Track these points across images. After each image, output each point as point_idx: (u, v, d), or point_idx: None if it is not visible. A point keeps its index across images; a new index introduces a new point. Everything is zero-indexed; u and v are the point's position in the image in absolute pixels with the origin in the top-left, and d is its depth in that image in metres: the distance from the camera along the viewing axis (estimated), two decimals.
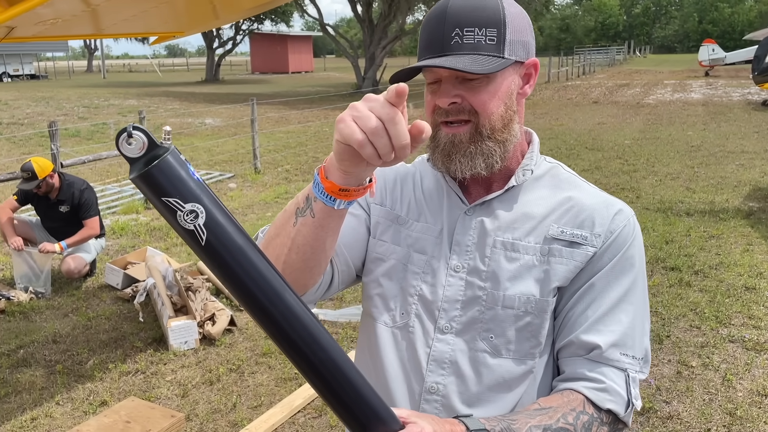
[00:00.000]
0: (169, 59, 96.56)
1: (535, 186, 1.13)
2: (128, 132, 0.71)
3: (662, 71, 35.89)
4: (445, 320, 1.09)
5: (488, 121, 1.03)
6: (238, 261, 0.77)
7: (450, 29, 0.99)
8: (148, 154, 0.72)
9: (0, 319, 4.52)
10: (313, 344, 0.80)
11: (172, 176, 0.73)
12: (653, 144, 11.42)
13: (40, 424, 3.26)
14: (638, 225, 1.12)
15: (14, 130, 14.44)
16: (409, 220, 1.15)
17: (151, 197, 0.74)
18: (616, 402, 1.02)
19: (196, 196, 0.74)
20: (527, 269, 1.07)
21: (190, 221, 0.74)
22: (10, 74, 38.60)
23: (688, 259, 5.35)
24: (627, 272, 1.07)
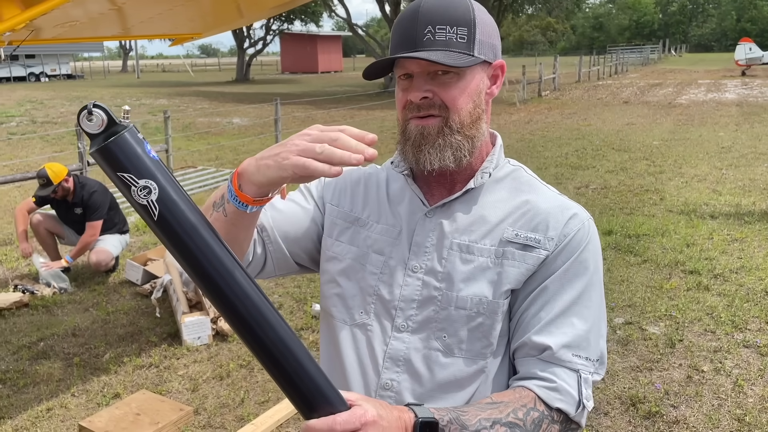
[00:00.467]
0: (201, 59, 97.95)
1: (495, 188, 1.15)
2: (89, 109, 0.75)
3: (697, 70, 35.18)
4: (401, 319, 1.12)
5: (458, 116, 1.06)
6: (190, 236, 0.80)
7: (422, 27, 1.03)
8: (108, 131, 0.76)
9: (24, 312, 4.66)
10: (262, 322, 0.82)
11: (129, 153, 0.76)
12: (682, 145, 11.22)
13: (55, 415, 3.36)
14: (594, 229, 1.13)
15: (48, 129, 14.82)
16: (369, 222, 1.18)
17: (108, 172, 0.77)
18: (566, 402, 1.04)
19: (150, 173, 0.77)
20: (481, 271, 1.09)
21: (144, 196, 0.77)
22: (47, 74, 39.59)
23: (709, 263, 5.26)
24: (580, 276, 1.08)
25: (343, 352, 1.16)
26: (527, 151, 10.94)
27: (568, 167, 9.47)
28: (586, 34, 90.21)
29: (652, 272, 5.13)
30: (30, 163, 10.55)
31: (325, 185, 1.24)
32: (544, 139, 12.41)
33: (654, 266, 5.26)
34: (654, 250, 5.61)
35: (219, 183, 8.99)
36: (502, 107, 18.27)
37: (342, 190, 1.23)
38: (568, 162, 9.91)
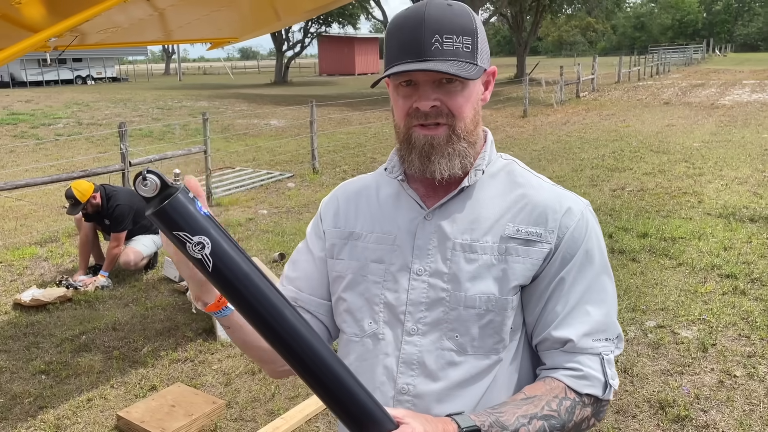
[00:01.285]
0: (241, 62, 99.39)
1: (489, 184, 1.16)
2: (143, 175, 0.81)
3: (742, 71, 34.25)
4: (411, 323, 1.13)
5: (463, 124, 1.08)
6: (243, 284, 0.86)
7: (430, 35, 1.03)
8: (161, 194, 0.82)
9: (67, 307, 4.85)
10: (311, 354, 0.89)
11: (182, 212, 0.82)
12: (724, 147, 10.97)
13: (95, 405, 3.50)
14: (593, 215, 1.15)
15: (93, 130, 15.27)
16: (364, 233, 1.19)
17: (165, 231, 0.83)
18: (594, 386, 1.09)
19: (203, 229, 0.83)
20: (486, 269, 1.10)
21: (198, 251, 0.83)
22: (93, 77, 40.74)
23: (746, 267, 5.16)
24: (588, 265, 1.12)
25: (358, 365, 1.18)
26: (563, 153, 10.85)
27: (605, 169, 9.36)
28: (627, 34, 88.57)
29: (686, 276, 5.06)
30: (75, 163, 10.91)
31: (322, 213, 1.27)
32: (581, 140, 12.28)
33: (689, 269, 5.18)
34: (690, 254, 5.53)
35: (255, 183, 9.16)
36: (539, 108, 18.12)
37: (336, 211, 1.25)
38: (604, 164, 9.79)
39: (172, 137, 14.25)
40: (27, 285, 5.29)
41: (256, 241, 6.36)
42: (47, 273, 5.63)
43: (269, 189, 8.90)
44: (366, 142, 13.00)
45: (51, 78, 37.87)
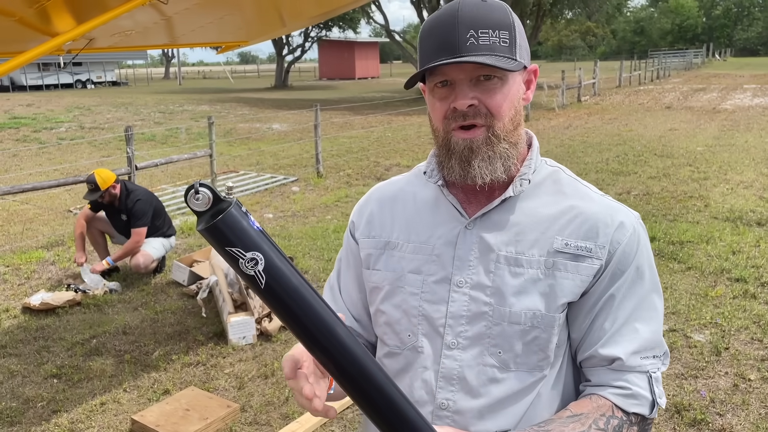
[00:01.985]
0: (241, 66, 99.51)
1: (535, 193, 1.11)
2: (195, 189, 0.79)
3: (743, 75, 34.32)
4: (451, 336, 1.09)
5: (502, 124, 1.03)
6: (294, 301, 0.84)
7: (464, 31, 0.99)
8: (214, 208, 0.79)
9: (76, 311, 4.84)
10: (364, 373, 0.88)
11: (235, 228, 0.79)
12: (727, 151, 10.98)
13: (108, 409, 3.49)
14: (643, 229, 1.11)
15: (95, 134, 15.28)
16: (400, 243, 1.15)
17: (216, 247, 0.81)
18: (641, 405, 1.06)
19: (256, 245, 0.80)
20: (532, 283, 1.06)
21: (251, 267, 0.80)
22: (93, 81, 40.79)
23: (756, 271, 5.16)
24: (639, 282, 1.08)
25: (399, 377, 1.15)
26: (567, 157, 10.85)
27: (609, 173, 9.37)
28: (627, 38, 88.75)
29: (696, 279, 5.06)
30: (79, 167, 10.90)
31: (355, 222, 1.24)
32: (584, 144, 12.29)
33: (699, 273, 5.18)
34: (698, 258, 5.53)
35: (260, 187, 9.17)
36: (540, 112, 18.14)
37: (371, 219, 1.21)
38: (609, 168, 9.80)
39: (175, 141, 14.26)
40: (35, 289, 5.29)
41: None
42: (55, 276, 5.62)
43: (274, 193, 8.90)
44: (369, 146, 13.00)
45: (51, 82, 37.91)
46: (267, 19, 4.65)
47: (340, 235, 6.58)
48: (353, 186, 9.17)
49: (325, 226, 6.99)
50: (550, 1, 32.25)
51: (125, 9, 2.80)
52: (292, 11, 4.48)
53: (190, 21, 4.08)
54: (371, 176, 9.81)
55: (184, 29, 4.35)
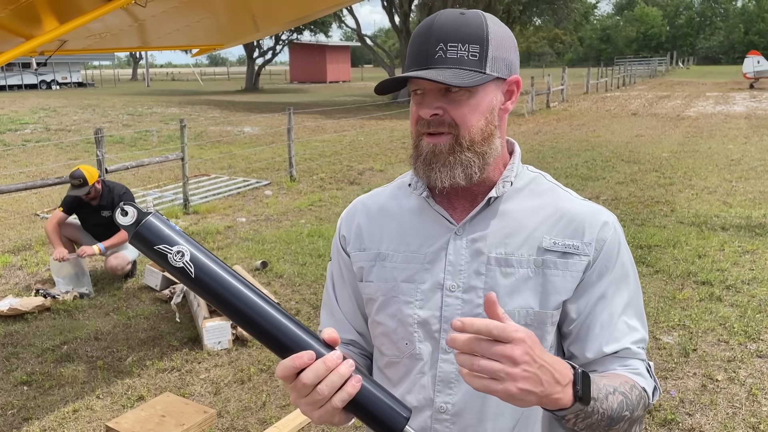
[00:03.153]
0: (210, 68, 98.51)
1: (518, 197, 1.15)
2: (121, 208, 0.92)
3: (705, 83, 35.22)
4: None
5: (468, 134, 1.06)
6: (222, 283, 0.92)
7: (435, 44, 1.03)
8: (140, 221, 0.92)
9: (46, 316, 4.75)
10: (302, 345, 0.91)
11: (158, 229, 0.92)
12: (692, 157, 11.27)
13: (81, 416, 3.44)
14: (620, 227, 1.16)
15: (62, 137, 14.99)
16: (391, 253, 1.17)
17: (146, 249, 0.91)
18: (649, 385, 1.10)
19: (179, 241, 0.92)
20: (523, 282, 1.10)
21: (179, 260, 0.91)
22: (58, 82, 39.97)
23: (721, 274, 5.31)
24: (625, 278, 1.13)
25: (397, 386, 1.17)
26: (537, 162, 11.01)
27: (579, 178, 9.53)
28: (594, 45, 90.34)
29: (664, 283, 5.18)
30: (45, 170, 10.69)
31: (344, 237, 1.25)
32: (554, 150, 12.48)
33: (666, 277, 5.31)
34: (666, 261, 5.67)
35: (232, 191, 9.10)
36: (511, 118, 18.31)
37: (359, 231, 1.23)
38: (578, 173, 9.97)
39: (144, 144, 14.06)
40: (2, 294, 5.17)
41: (237, 249, 6.32)
42: (23, 282, 5.51)
43: (246, 197, 8.85)
44: (342, 150, 13.01)
45: (14, 83, 37.05)
46: (241, 23, 4.65)
47: (314, 239, 6.58)
48: (327, 190, 9.17)
49: (299, 230, 6.98)
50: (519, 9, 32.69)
51: (103, 12, 2.78)
52: (266, 16, 4.48)
53: (166, 24, 4.05)
54: (344, 180, 9.82)
55: (159, 32, 4.32)
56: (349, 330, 1.26)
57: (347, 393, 0.88)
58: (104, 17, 2.96)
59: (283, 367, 0.89)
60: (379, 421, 0.92)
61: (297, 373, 0.88)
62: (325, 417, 0.92)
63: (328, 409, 0.89)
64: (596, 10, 54.49)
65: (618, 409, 0.99)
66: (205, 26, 4.36)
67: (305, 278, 5.45)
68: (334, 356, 0.89)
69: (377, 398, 0.92)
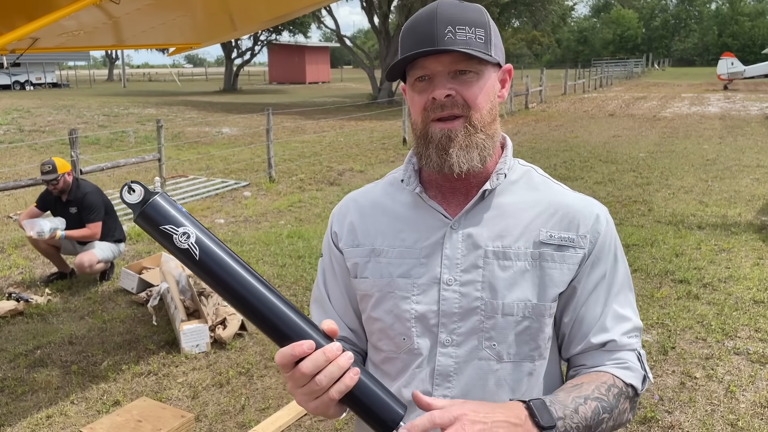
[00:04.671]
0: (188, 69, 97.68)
1: (512, 190, 1.15)
2: (128, 186, 0.90)
3: (680, 84, 35.71)
4: (445, 334, 1.12)
5: (479, 115, 1.08)
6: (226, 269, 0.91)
7: (442, 27, 1.04)
8: (146, 200, 0.90)
9: (18, 320, 4.64)
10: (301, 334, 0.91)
11: (166, 209, 0.91)
12: (668, 157, 11.40)
13: (55, 422, 3.36)
14: (611, 218, 1.19)
15: (36, 137, 14.73)
16: (386, 249, 1.16)
17: (151, 229, 0.90)
18: (636, 378, 1.12)
19: (185, 222, 0.91)
20: (521, 275, 1.10)
21: (184, 241, 0.90)
22: (32, 82, 39.29)
23: (698, 272, 5.36)
24: (617, 268, 1.15)
25: (394, 383, 1.17)
26: None
27: (557, 178, 9.27)
28: (571, 47, 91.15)
29: (642, 281, 5.22)
30: (19, 171, 10.49)
31: (336, 233, 1.23)
32: (533, 150, 12.55)
33: (644, 275, 5.35)
34: (644, 260, 5.71)
35: (210, 192, 9.01)
36: None
37: (352, 228, 1.22)
38: (556, 173, 10.03)
39: (120, 145, 13.87)
40: None
41: None
42: None
43: (225, 198, 8.76)
44: (321, 150, 12.95)
45: None
46: (218, 22, 4.59)
47: (293, 240, 6.53)
48: (306, 191, 9.11)
49: (278, 231, 6.92)
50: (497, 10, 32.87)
51: (75, 8, 2.71)
52: (243, 15, 4.43)
53: (140, 22, 3.99)
54: (324, 181, 9.77)
55: (134, 30, 4.25)
56: (341, 326, 1.24)
57: (345, 385, 0.90)
58: (77, 14, 2.90)
59: (282, 355, 0.89)
60: (374, 416, 0.93)
61: (296, 362, 0.89)
62: (320, 408, 0.93)
63: (324, 400, 0.91)
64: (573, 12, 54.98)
65: (594, 416, 1.02)
66: (182, 24, 4.30)
67: (285, 280, 5.40)
68: (333, 347, 0.90)
69: (374, 393, 0.93)
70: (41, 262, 5.97)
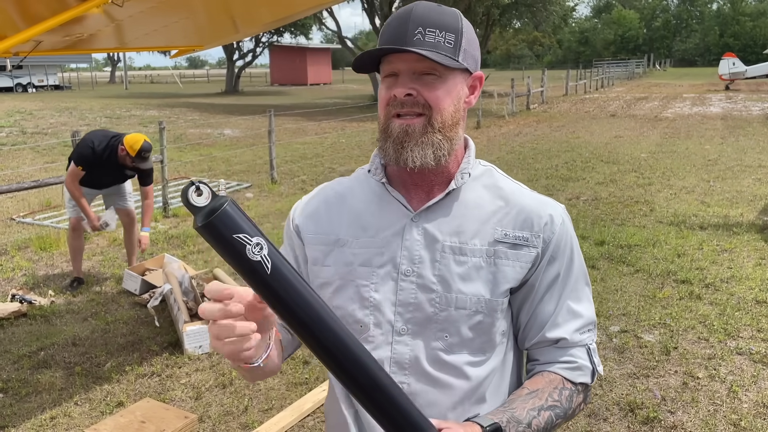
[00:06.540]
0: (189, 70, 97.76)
1: (473, 188, 1.20)
2: (196, 186, 0.81)
3: (682, 85, 35.69)
4: (401, 323, 1.16)
5: (440, 116, 1.11)
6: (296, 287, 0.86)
7: (413, 27, 1.08)
8: (212, 203, 0.82)
9: (22, 322, 4.66)
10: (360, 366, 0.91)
11: (239, 217, 0.82)
12: (670, 158, 11.40)
13: (59, 423, 3.37)
14: (569, 218, 1.22)
15: (38, 140, 14.76)
16: (349, 239, 1.20)
17: (222, 237, 0.81)
18: (586, 375, 1.19)
19: (259, 231, 0.84)
20: (476, 271, 1.14)
21: (257, 252, 0.82)
22: (35, 84, 39.35)
23: (700, 273, 5.36)
24: (572, 266, 1.20)
25: None
26: (518, 163, 11.07)
27: (559, 179, 9.59)
28: (572, 48, 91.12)
29: (645, 281, 5.22)
30: (21, 173, 10.51)
31: (298, 217, 1.26)
32: (534, 151, 12.55)
33: (646, 276, 5.35)
34: (646, 260, 5.71)
35: None
36: (491, 120, 18.45)
37: (316, 215, 1.25)
38: (558, 174, 10.04)
39: None
40: None
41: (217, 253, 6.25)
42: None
43: None
44: (323, 152, 12.97)
45: None
46: (220, 24, 4.61)
47: None
48: (308, 192, 9.11)
49: (280, 232, 6.91)
50: (498, 11, 32.89)
51: (79, 11, 2.73)
52: (245, 17, 4.45)
53: (143, 24, 4.00)
54: (326, 182, 9.74)
55: (137, 33, 4.26)
56: None
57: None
58: (81, 17, 2.92)
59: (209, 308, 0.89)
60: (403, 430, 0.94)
61: None
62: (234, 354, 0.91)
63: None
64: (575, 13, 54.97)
65: (547, 425, 1.10)
66: (184, 27, 4.32)
67: None
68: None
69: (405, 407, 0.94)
70: (44, 263, 5.99)
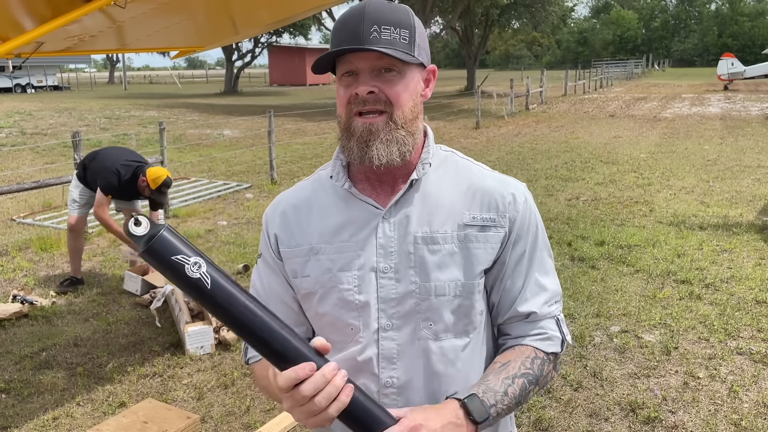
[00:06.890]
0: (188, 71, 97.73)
1: (436, 176, 1.22)
2: (135, 219, 0.92)
3: (681, 85, 35.72)
4: (385, 319, 1.18)
5: (401, 112, 1.13)
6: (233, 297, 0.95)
7: (369, 26, 1.10)
8: (150, 231, 0.92)
9: (23, 323, 4.66)
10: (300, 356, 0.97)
11: (176, 240, 0.93)
12: (669, 158, 11.42)
13: (62, 424, 3.38)
14: (530, 195, 1.26)
15: (38, 140, 14.76)
16: (323, 246, 1.20)
17: (161, 259, 0.92)
18: (556, 345, 1.23)
19: (196, 251, 0.94)
20: (450, 257, 1.17)
21: (196, 270, 0.92)
22: (34, 85, 39.34)
23: (700, 273, 5.38)
24: (536, 242, 1.24)
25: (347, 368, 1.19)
26: (517, 164, 11.08)
27: (559, 179, 9.61)
28: (571, 48, 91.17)
29: (645, 282, 5.24)
30: (21, 174, 10.52)
31: (271, 236, 1.25)
32: (534, 151, 12.57)
33: (647, 276, 5.36)
34: (646, 261, 5.72)
35: (212, 194, 9.03)
36: (490, 120, 18.47)
37: (287, 230, 1.24)
38: (558, 174, 10.05)
39: None
40: None
41: (218, 253, 6.27)
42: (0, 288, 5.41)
43: (227, 200, 8.79)
44: (323, 152, 12.97)
45: None
46: (221, 25, 4.62)
47: None
48: None
49: None
50: (497, 12, 32.92)
51: (81, 13, 2.73)
52: (245, 18, 4.46)
53: (145, 26, 4.01)
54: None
55: (138, 34, 4.27)
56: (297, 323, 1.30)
57: (342, 402, 0.96)
58: (82, 19, 2.92)
59: (286, 378, 0.95)
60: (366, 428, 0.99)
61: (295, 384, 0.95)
62: (318, 423, 0.98)
63: (323, 417, 0.96)
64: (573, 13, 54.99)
65: (521, 392, 1.14)
66: (185, 28, 4.32)
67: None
68: (330, 367, 0.96)
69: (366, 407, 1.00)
70: (45, 264, 5.99)
